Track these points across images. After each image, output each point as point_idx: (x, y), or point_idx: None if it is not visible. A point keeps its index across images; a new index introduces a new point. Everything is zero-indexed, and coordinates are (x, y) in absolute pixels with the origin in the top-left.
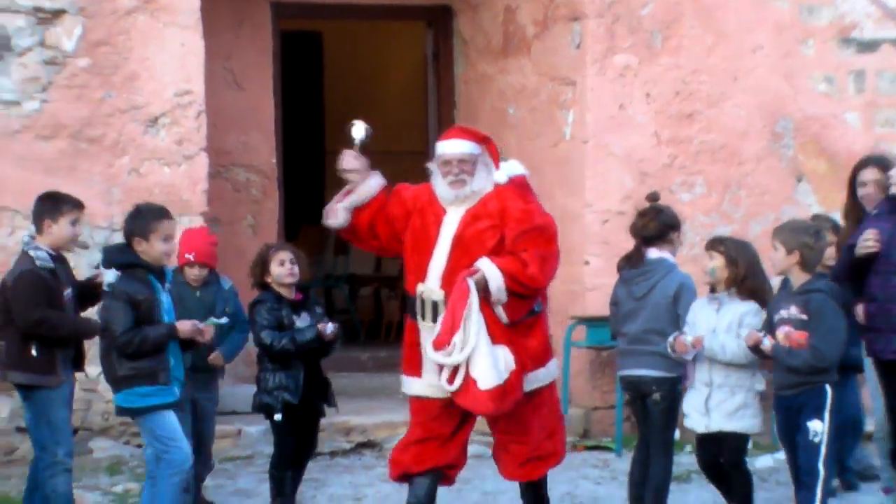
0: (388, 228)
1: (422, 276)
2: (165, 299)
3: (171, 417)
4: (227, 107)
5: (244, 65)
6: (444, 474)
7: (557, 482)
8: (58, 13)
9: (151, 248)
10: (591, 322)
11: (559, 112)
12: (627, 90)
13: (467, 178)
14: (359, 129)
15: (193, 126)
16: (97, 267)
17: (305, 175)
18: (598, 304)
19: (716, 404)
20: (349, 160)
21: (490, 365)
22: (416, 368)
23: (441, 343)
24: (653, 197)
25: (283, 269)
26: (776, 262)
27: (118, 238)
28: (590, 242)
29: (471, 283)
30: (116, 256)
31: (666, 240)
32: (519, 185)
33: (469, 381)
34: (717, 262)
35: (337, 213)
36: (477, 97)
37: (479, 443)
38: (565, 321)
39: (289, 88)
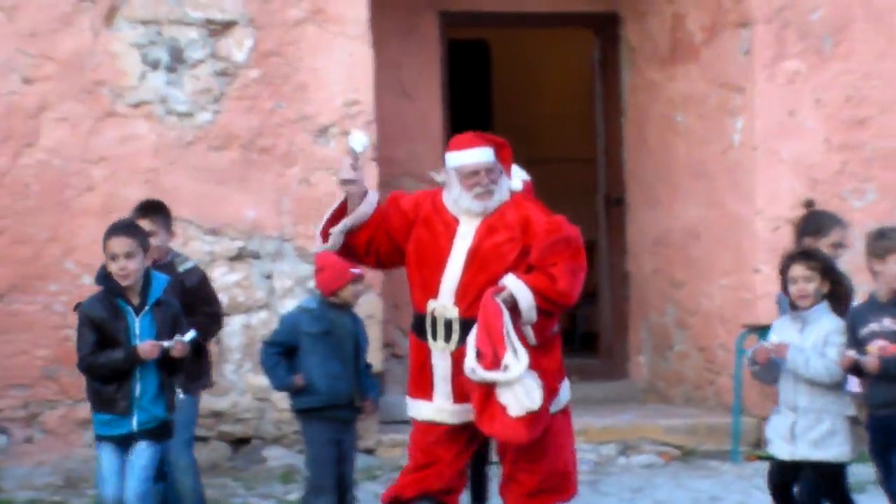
0: (389, 243)
1: (432, 292)
2: (138, 322)
3: (107, 454)
4: (395, 116)
5: (412, 74)
6: (441, 500)
7: (731, 491)
8: (229, 25)
9: (108, 267)
10: (762, 330)
11: (728, 119)
12: (797, 96)
13: (494, 187)
14: (359, 140)
15: None
16: None
17: None
18: (769, 312)
19: (802, 431)
20: (348, 171)
21: (523, 390)
22: (425, 391)
23: (490, 366)
24: (808, 204)
25: None
26: (890, 275)
27: (288, 249)
28: (760, 250)
29: (500, 300)
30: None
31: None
32: (528, 193)
33: (495, 408)
34: (816, 282)
35: (330, 236)
36: (645, 104)
37: None
38: (736, 329)
39: (456, 97)
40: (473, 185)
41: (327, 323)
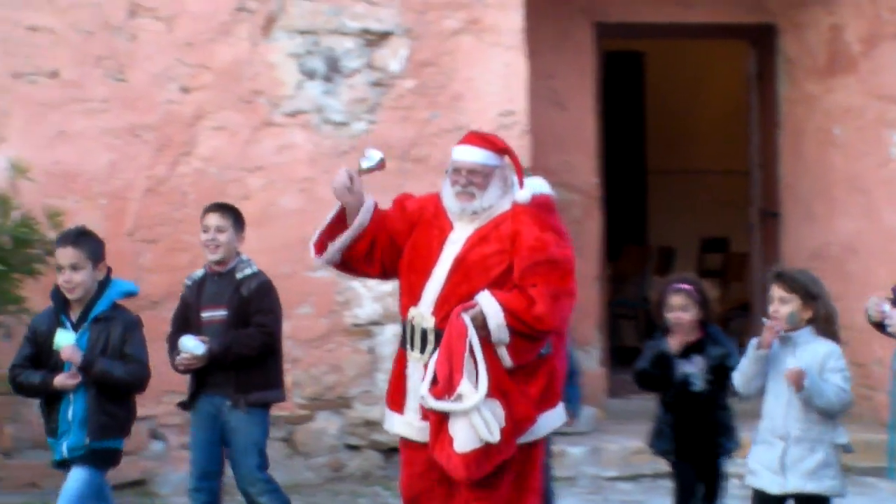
0: (392, 248)
1: (415, 298)
2: (79, 339)
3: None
4: (548, 126)
5: (566, 84)
6: None
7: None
8: (385, 35)
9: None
10: None
11: (886, 131)
12: None
13: (476, 191)
14: (371, 158)
15: (517, 146)
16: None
17: (627, 195)
18: None
19: (793, 462)
20: (342, 179)
21: (480, 421)
22: (398, 403)
23: (442, 392)
24: None
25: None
26: None
27: None
28: None
29: (467, 319)
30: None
31: None
32: (541, 207)
33: (445, 436)
34: (794, 304)
35: (326, 251)
36: (802, 117)
37: None
38: (892, 345)
39: (610, 108)
40: (454, 182)
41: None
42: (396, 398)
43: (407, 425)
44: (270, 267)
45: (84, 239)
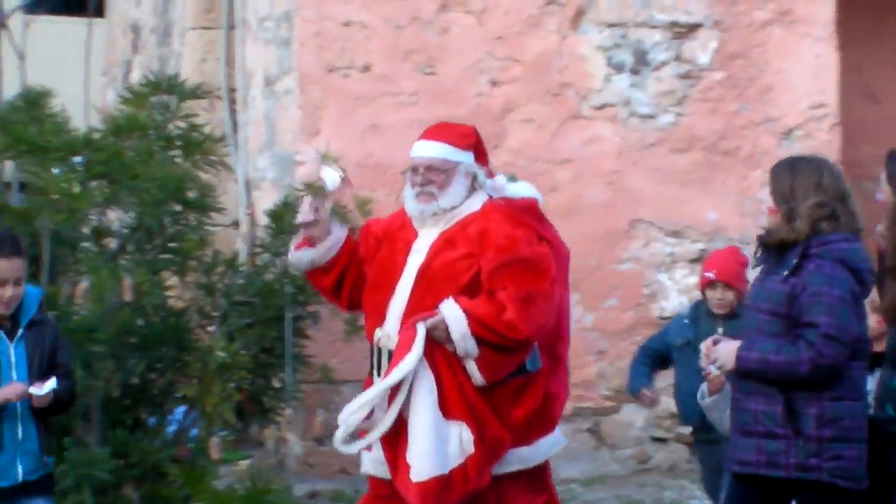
0: (363, 282)
1: (380, 318)
2: (12, 349)
3: None
4: (859, 119)
5: (878, 77)
6: None
7: None
8: (693, 27)
9: None
10: None
11: None
12: None
13: (436, 190)
14: (330, 176)
15: (826, 139)
16: None
17: None
18: None
19: None
20: (306, 212)
21: (430, 448)
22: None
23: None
24: None
25: None
26: None
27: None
28: None
29: (420, 329)
30: None
31: None
32: (524, 210)
33: (402, 464)
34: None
35: (300, 258)
36: None
37: None
38: None
39: None
40: (412, 183)
41: (691, 333)
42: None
43: (375, 462)
44: (576, 259)
45: (19, 244)
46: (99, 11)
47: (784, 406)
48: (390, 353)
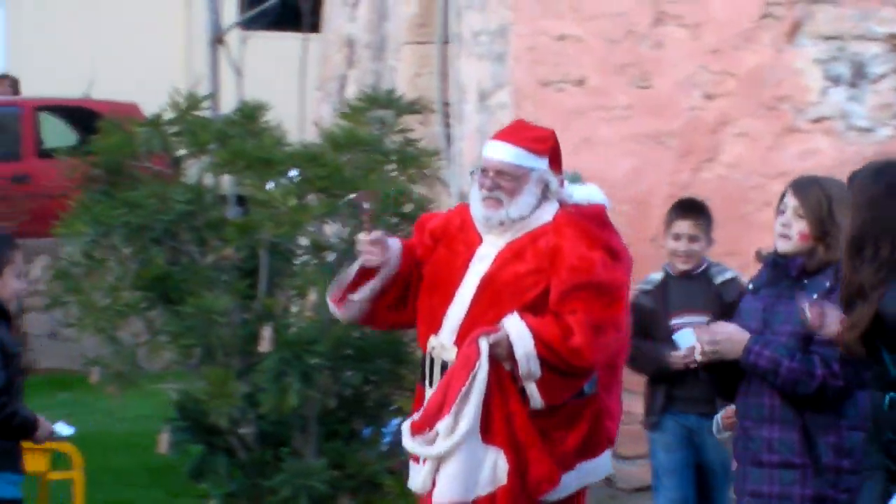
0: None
1: (435, 326)
2: None
3: None
4: None
5: None
6: None
7: None
8: None
9: (4, 287)
10: None
11: None
12: None
13: (505, 197)
14: (363, 198)
15: None
16: None
17: None
18: None
19: None
20: (370, 254)
21: (459, 469)
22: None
23: (420, 425)
24: None
25: None
26: None
27: None
28: None
29: (483, 344)
30: None
31: None
32: (592, 219)
33: (433, 481)
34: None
35: (348, 305)
36: None
37: None
38: None
39: None
40: (480, 185)
41: None
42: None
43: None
44: None
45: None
46: (314, 27)
47: (801, 433)
48: (444, 364)
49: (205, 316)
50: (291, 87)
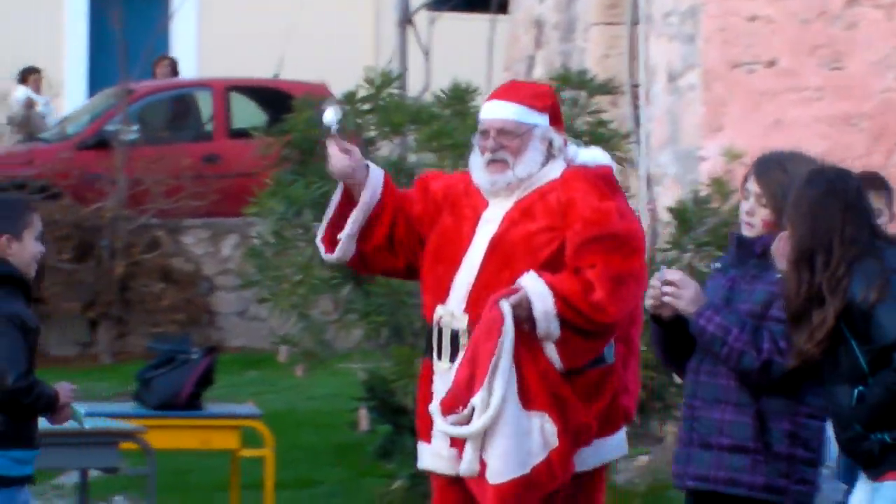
0: (409, 237)
1: (442, 295)
2: None
3: (26, 497)
4: None
5: None
6: None
7: None
8: None
9: (24, 250)
10: None
11: None
12: None
13: (510, 157)
14: (330, 113)
15: None
16: None
17: None
18: None
19: None
20: (339, 158)
21: (509, 445)
22: (426, 430)
23: (451, 404)
24: None
25: None
26: None
27: None
28: None
29: (505, 308)
30: None
31: None
32: (600, 178)
33: (480, 462)
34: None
35: (338, 244)
36: None
37: None
38: None
39: None
40: (482, 149)
41: None
42: (423, 424)
43: (435, 456)
44: None
45: None
46: (502, 8)
47: (755, 418)
48: (454, 334)
49: (394, 295)
50: (479, 68)
